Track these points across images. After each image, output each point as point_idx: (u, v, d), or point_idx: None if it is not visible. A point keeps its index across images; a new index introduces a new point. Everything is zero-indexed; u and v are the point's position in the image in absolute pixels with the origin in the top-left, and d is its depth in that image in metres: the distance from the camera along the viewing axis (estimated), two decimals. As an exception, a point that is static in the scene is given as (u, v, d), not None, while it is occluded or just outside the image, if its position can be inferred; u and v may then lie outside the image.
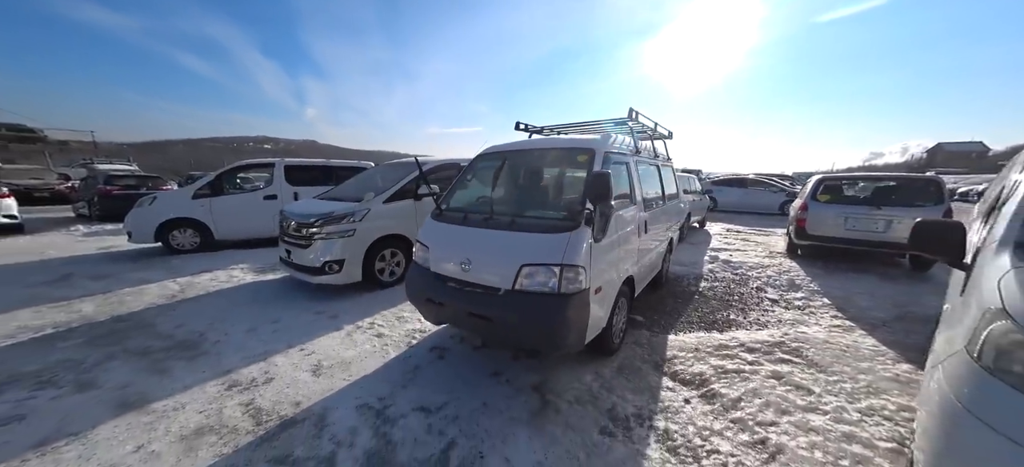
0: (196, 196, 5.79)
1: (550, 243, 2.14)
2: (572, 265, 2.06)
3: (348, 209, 3.98)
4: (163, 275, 4.64)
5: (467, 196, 2.99)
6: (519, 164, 3.13)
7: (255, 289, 4.21)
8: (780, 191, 12.52)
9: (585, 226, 2.16)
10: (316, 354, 2.73)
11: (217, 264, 5.13)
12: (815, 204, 5.22)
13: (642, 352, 2.87)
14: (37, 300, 3.65)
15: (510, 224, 2.34)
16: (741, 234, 8.57)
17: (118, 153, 33.17)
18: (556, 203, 2.81)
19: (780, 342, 3.00)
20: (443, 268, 2.47)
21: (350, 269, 3.93)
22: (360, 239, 3.99)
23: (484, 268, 2.27)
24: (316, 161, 7.19)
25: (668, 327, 3.37)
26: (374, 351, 2.80)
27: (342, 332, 3.10)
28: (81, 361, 2.51)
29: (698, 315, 3.70)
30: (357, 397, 2.22)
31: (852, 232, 4.89)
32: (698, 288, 4.56)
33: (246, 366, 2.51)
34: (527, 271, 2.12)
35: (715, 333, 3.26)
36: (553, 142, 3.02)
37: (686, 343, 3.01)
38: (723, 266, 5.53)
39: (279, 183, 6.42)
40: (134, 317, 3.31)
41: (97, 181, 9.54)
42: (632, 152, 3.19)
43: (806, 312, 3.74)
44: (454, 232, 2.56)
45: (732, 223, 10.32)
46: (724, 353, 2.84)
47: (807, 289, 4.42)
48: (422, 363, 2.65)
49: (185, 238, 5.80)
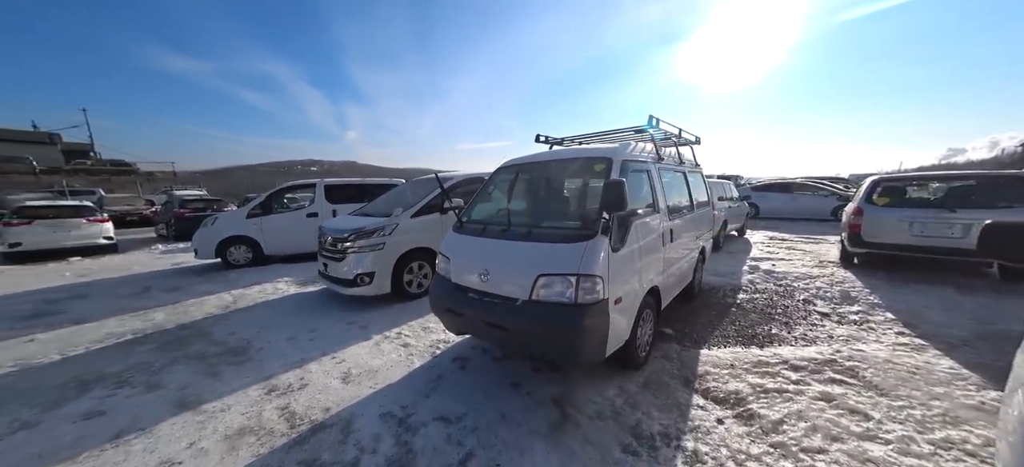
0: (249, 216, 6.43)
1: (566, 253, 2.13)
2: (589, 275, 2.03)
3: (378, 224, 4.22)
4: (220, 287, 5.16)
5: (487, 208, 3.06)
6: (537, 176, 3.17)
7: (297, 301, 4.55)
8: (831, 195, 11.45)
9: (602, 235, 2.13)
10: (346, 362, 2.88)
11: (265, 277, 5.62)
12: (871, 208, 4.71)
13: (671, 367, 2.72)
14: (122, 310, 4.21)
15: (527, 235, 2.36)
16: (786, 242, 7.90)
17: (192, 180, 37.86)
18: (573, 213, 2.79)
19: (831, 360, 2.71)
20: (463, 279, 2.53)
21: (380, 281, 4.13)
22: (389, 252, 4.20)
23: (502, 278, 2.30)
24: (352, 180, 7.71)
25: (700, 341, 3.17)
26: (400, 361, 2.90)
27: (371, 342, 3.25)
28: (152, 364, 2.85)
29: (735, 329, 3.45)
30: (382, 405, 2.30)
31: (921, 238, 4.33)
32: (735, 300, 4.26)
33: (284, 372, 2.71)
34: (544, 281, 2.12)
35: (754, 348, 3.01)
36: (571, 152, 3.04)
37: (720, 359, 2.81)
38: (764, 276, 5.12)
39: (320, 201, 6.96)
40: (195, 325, 3.70)
41: (173, 205, 10.91)
42: (654, 159, 3.11)
43: (864, 327, 3.35)
44: (473, 243, 2.63)
45: (776, 231, 9.56)
46: (764, 370, 2.62)
47: (865, 302, 3.96)
48: (445, 373, 2.70)
49: (240, 254, 6.43)
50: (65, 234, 7.74)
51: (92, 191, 20.97)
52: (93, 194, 19.59)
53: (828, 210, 11.09)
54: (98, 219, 8.26)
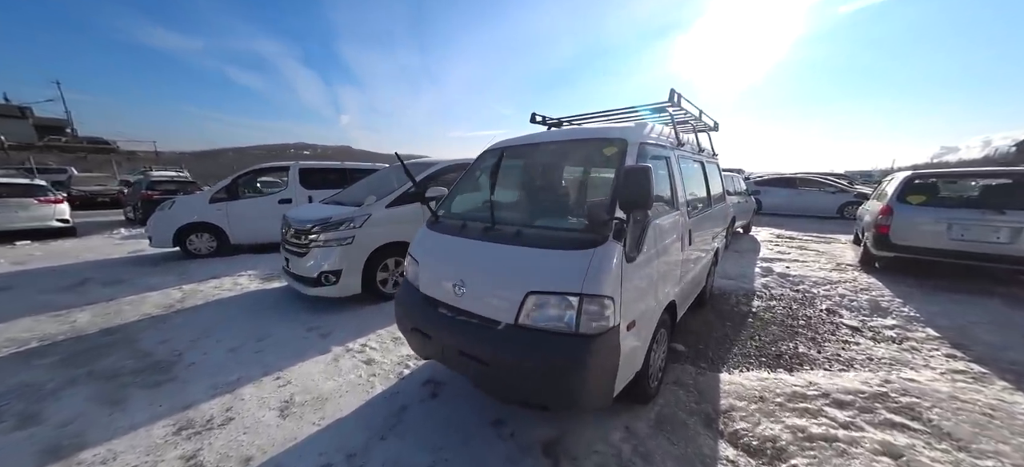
0: (213, 200, 5.77)
1: (567, 263, 1.59)
2: (596, 295, 1.50)
3: (346, 214, 3.63)
4: (173, 281, 4.56)
5: (468, 200, 2.50)
6: (531, 161, 2.60)
7: (255, 300, 3.98)
8: (838, 191, 11.02)
9: (614, 241, 1.60)
10: (292, 385, 2.34)
11: (227, 270, 5.02)
12: (903, 207, 4.23)
13: (687, 398, 2.23)
14: (42, 308, 3.61)
15: (515, 236, 1.81)
16: (795, 241, 7.47)
17: (175, 162, 36.46)
18: (576, 210, 2.24)
19: (880, 394, 2.24)
20: (433, 290, 1.99)
21: (348, 280, 3.57)
22: (359, 247, 3.63)
23: (480, 293, 1.76)
24: (331, 163, 7.05)
25: (718, 361, 2.69)
26: (358, 383, 2.37)
27: (329, 356, 2.72)
28: (42, 386, 2.27)
29: (755, 345, 2.98)
30: (322, 453, 1.78)
31: (961, 243, 3.87)
32: (751, 308, 3.80)
33: (210, 399, 2.17)
34: (535, 301, 1.58)
35: (783, 373, 2.54)
36: (573, 133, 2.46)
37: (746, 387, 2.33)
38: (779, 280, 4.66)
39: (294, 186, 6.30)
40: (122, 330, 3.13)
41: (141, 186, 10.12)
42: (673, 145, 2.56)
43: (906, 347, 2.89)
44: (448, 244, 2.08)
45: (782, 228, 9.13)
46: (801, 406, 2.14)
47: (899, 314, 3.51)
48: (411, 402, 2.18)
49: (202, 243, 5.79)
50: (11, 215, 7.00)
51: (63, 169, 19.90)
52: (64, 173, 18.60)
53: (834, 207, 10.68)
54: (50, 199, 7.51)
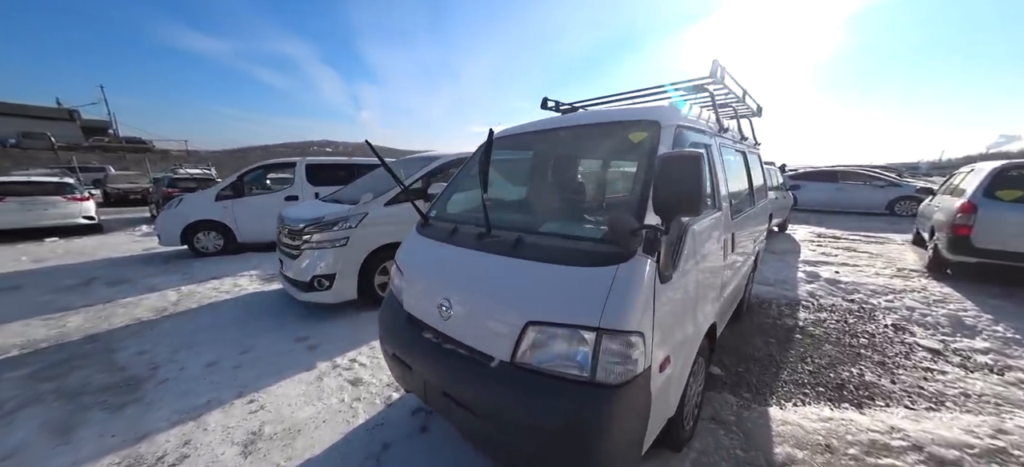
0: (219, 198, 5.69)
1: (580, 285, 1.19)
2: (620, 331, 1.10)
3: (340, 212, 3.35)
4: (175, 281, 4.46)
5: (465, 200, 2.13)
6: (538, 152, 2.20)
7: (249, 303, 3.79)
8: (888, 185, 9.95)
9: (644, 254, 1.18)
10: (264, 411, 2.06)
11: (229, 269, 4.90)
12: (991, 204, 3.54)
13: (731, 443, 1.80)
14: (40, 310, 3.53)
15: (515, 246, 1.42)
16: (840, 241, 6.69)
17: (205, 160, 38.21)
18: (594, 213, 1.82)
19: (996, 449, 1.72)
20: (418, 308, 1.64)
21: (342, 285, 3.30)
22: (355, 249, 3.35)
23: (469, 317, 1.39)
24: (339, 159, 6.88)
25: (765, 390, 2.23)
26: (339, 410, 2.07)
27: (312, 373, 2.44)
28: (1, 405, 2.10)
29: (809, 370, 2.49)
30: (280, 506, 1.48)
31: (1069, 248, 3.18)
32: (797, 320, 3.27)
33: (169, 428, 1.90)
34: (536, 334, 1.20)
35: (850, 411, 2.05)
36: (591, 116, 2.02)
37: (806, 430, 1.87)
38: (829, 288, 4.06)
39: (300, 183, 6.15)
40: (106, 338, 2.96)
41: (164, 183, 10.39)
42: (714, 131, 2.09)
43: (1011, 380, 2.32)
44: (436, 253, 1.72)
45: (823, 226, 8.28)
46: (887, 462, 1.66)
47: (991, 335, 2.89)
48: (396, 438, 1.86)
49: (209, 241, 5.73)
50: (40, 213, 7.25)
51: (102, 168, 21.11)
52: (102, 171, 19.73)
53: (883, 203, 9.65)
54: (78, 197, 7.74)
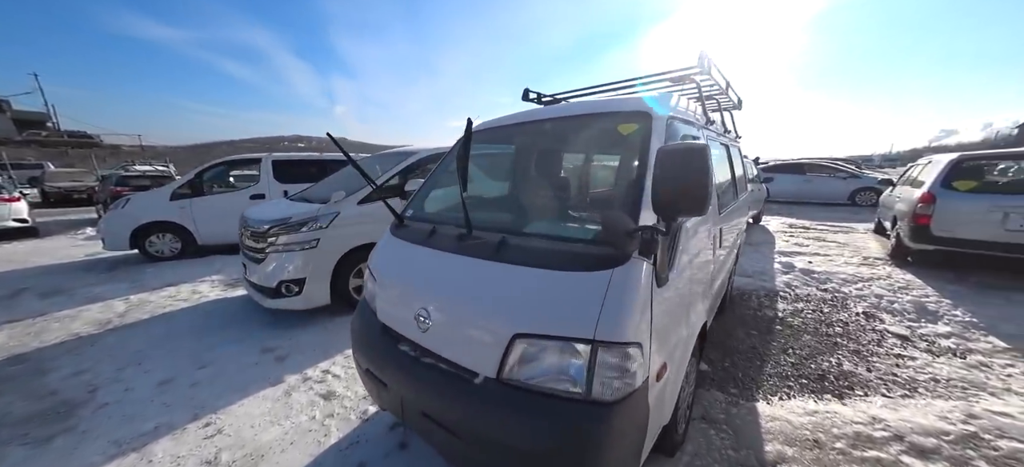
0: (174, 197, 5.20)
1: (572, 292, 1.09)
2: (618, 342, 1.00)
3: (310, 213, 3.10)
4: (122, 290, 4.04)
5: (443, 198, 1.97)
6: (522, 146, 2.07)
7: (210, 312, 3.47)
8: (849, 177, 10.57)
9: (640, 257, 1.09)
10: (223, 434, 1.85)
11: (189, 275, 4.50)
12: (949, 194, 3.73)
13: (722, 442, 1.77)
14: (-43, 327, 3.09)
15: (498, 249, 1.29)
16: (810, 231, 7.00)
17: (163, 156, 35.43)
18: (582, 213, 1.72)
19: (969, 435, 1.78)
20: (393, 319, 1.49)
21: (313, 290, 3.06)
22: (326, 251, 3.11)
23: (449, 329, 1.26)
24: (309, 155, 6.47)
25: (751, 384, 2.24)
26: (309, 429, 1.88)
27: (280, 389, 2.23)
28: None
29: (791, 361, 2.52)
30: (236, 550, 1.30)
31: (1020, 234, 3.39)
32: (776, 311, 3.34)
33: (104, 464, 1.67)
34: (525, 348, 1.08)
35: (833, 403, 2.08)
36: (577, 108, 1.91)
37: (793, 425, 1.87)
38: (803, 278, 4.20)
39: (267, 181, 5.74)
40: (34, 358, 2.61)
41: (111, 181, 9.48)
42: (702, 123, 2.04)
43: (973, 363, 2.44)
44: (413, 257, 1.56)
45: (793, 216, 8.66)
46: (873, 456, 1.68)
47: (951, 319, 3.05)
48: (372, 457, 1.70)
49: (164, 244, 5.24)
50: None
51: (40, 164, 19.10)
52: (40, 168, 17.83)
53: (846, 194, 10.24)
54: (5, 198, 6.91)
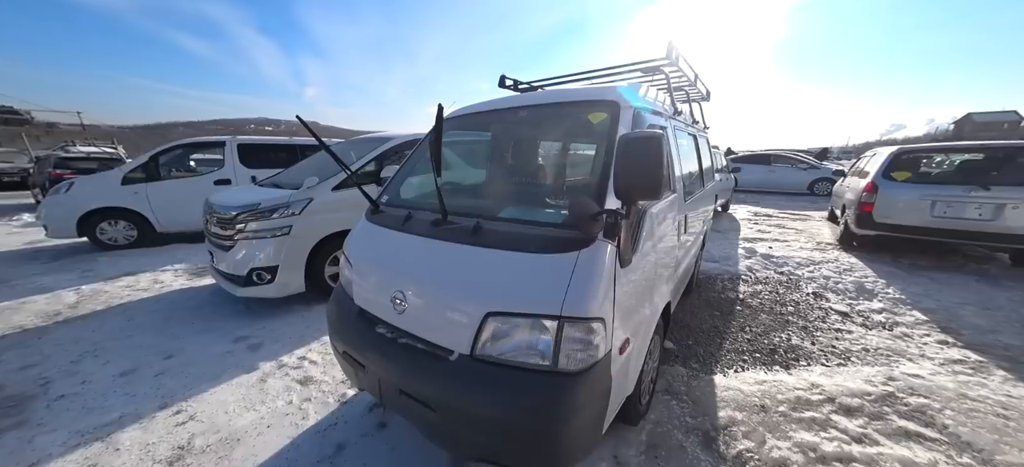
0: (127, 181, 4.84)
1: (540, 272, 1.16)
2: (582, 318, 1.08)
3: (281, 199, 3.00)
4: (71, 280, 3.77)
5: (418, 185, 1.98)
6: (496, 133, 2.10)
7: (175, 301, 3.32)
8: (809, 168, 11.31)
9: (604, 239, 1.17)
10: (195, 421, 1.82)
11: (149, 264, 4.25)
12: (889, 184, 4.10)
13: (681, 411, 1.94)
14: None
15: (473, 233, 1.34)
16: (772, 219, 7.48)
17: (109, 136, 32.39)
18: (553, 197, 1.79)
19: (888, 395, 2.04)
20: (369, 302, 1.51)
21: (286, 277, 2.99)
22: (300, 238, 3.03)
23: (425, 310, 1.30)
24: (278, 139, 6.17)
25: (711, 359, 2.43)
26: (286, 413, 1.89)
27: (254, 375, 2.20)
28: None
29: (747, 338, 2.75)
30: (214, 530, 1.32)
31: (942, 220, 3.79)
32: (738, 294, 3.59)
33: (66, 453, 1.61)
34: (497, 325, 1.15)
35: (781, 373, 2.30)
36: (549, 96, 1.96)
37: (745, 395, 2.06)
38: (763, 262, 4.52)
39: (232, 165, 5.44)
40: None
41: (49, 164, 8.62)
42: (669, 113, 2.14)
43: (897, 334, 2.75)
44: (389, 242, 1.58)
45: (759, 205, 9.19)
46: (808, 416, 1.89)
47: (884, 297, 3.41)
48: (350, 438, 1.74)
49: (117, 232, 4.89)
50: None
51: (-38, 144, 17.02)
52: (-38, 148, 15.87)
53: (805, 184, 10.96)
54: (-77, 181, 6.17)
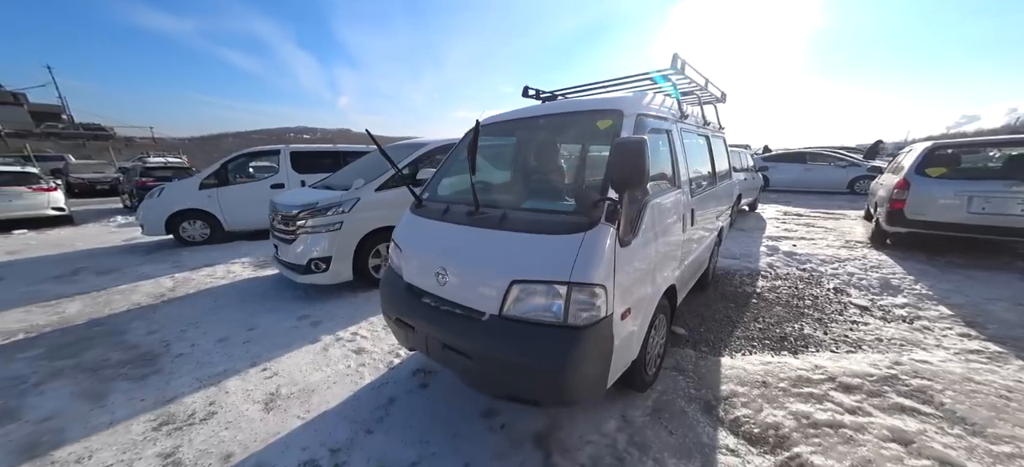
0: (202, 186, 5.65)
1: (554, 249, 1.46)
2: (586, 283, 1.38)
3: (334, 198, 3.50)
4: (166, 269, 4.52)
5: (455, 183, 2.35)
6: (521, 138, 2.43)
7: (246, 288, 3.92)
8: (850, 165, 10.65)
9: (606, 223, 1.46)
10: (278, 376, 2.29)
11: (221, 258, 4.97)
12: (921, 180, 4.00)
13: (686, 384, 2.15)
14: (34, 298, 3.58)
15: (501, 220, 1.68)
16: (802, 218, 7.25)
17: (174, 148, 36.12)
18: (566, 190, 2.09)
19: (890, 376, 2.14)
20: (416, 278, 1.88)
21: (338, 267, 3.48)
22: (349, 233, 3.52)
23: (463, 282, 1.65)
24: (324, 147, 6.85)
25: (720, 345, 2.60)
26: (346, 373, 2.31)
27: (318, 345, 2.66)
28: (24, 379, 2.24)
29: (759, 327, 2.87)
30: (305, 447, 1.72)
31: (981, 216, 3.67)
32: (755, 288, 3.67)
33: (193, 392, 2.12)
34: (520, 291, 1.47)
35: (787, 356, 2.44)
36: (565, 106, 2.26)
37: (748, 372, 2.24)
38: (785, 259, 4.52)
39: (285, 171, 6.15)
40: (111, 321, 3.08)
41: (136, 173, 10.01)
42: (676, 117, 2.36)
43: (917, 327, 2.77)
44: (431, 229, 1.95)
45: (790, 205, 8.88)
46: (807, 391, 2.05)
47: (910, 292, 3.37)
48: (399, 394, 2.12)
49: (195, 230, 5.72)
50: (5, 204, 6.97)
51: (60, 157, 19.80)
52: (61, 160, 18.50)
53: (845, 182, 10.36)
54: (44, 188, 7.44)
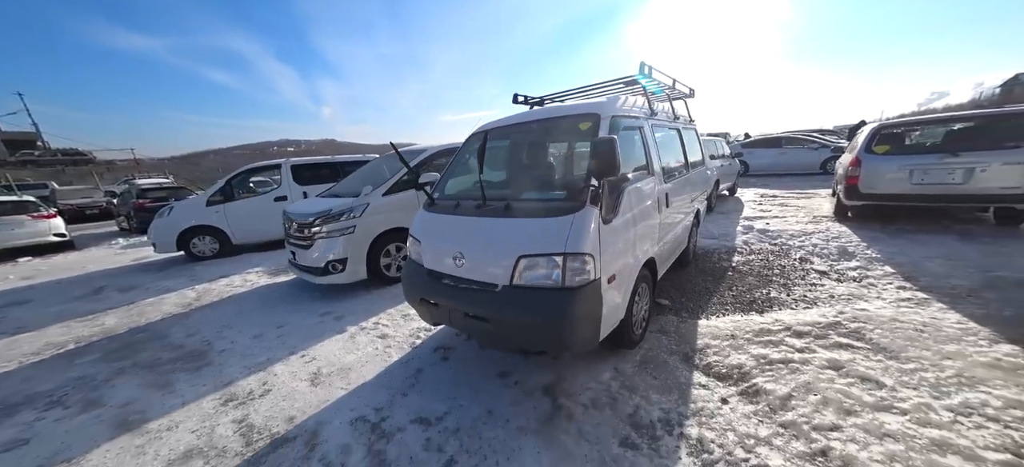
0: (210, 203, 5.89)
1: (550, 229, 1.84)
2: (577, 253, 1.75)
3: (346, 205, 3.82)
4: (183, 283, 4.76)
5: (460, 182, 2.71)
6: (515, 140, 2.80)
7: (266, 293, 4.21)
8: (821, 147, 11.29)
9: (591, 206, 1.84)
10: (316, 360, 2.61)
11: (234, 269, 5.22)
12: (871, 157, 4.49)
13: (669, 342, 2.54)
14: (69, 315, 3.81)
15: (506, 210, 2.05)
16: (777, 199, 7.79)
17: (157, 168, 35.44)
18: (557, 182, 2.47)
19: (835, 323, 2.57)
20: (436, 264, 2.23)
21: (354, 267, 3.80)
22: (362, 235, 3.84)
23: (478, 262, 2.01)
24: (322, 158, 7.13)
25: (698, 310, 3.00)
26: (376, 354, 2.65)
27: (345, 335, 2.98)
28: (92, 378, 2.53)
29: (732, 295, 3.29)
30: (353, 409, 2.07)
31: (921, 187, 4.16)
32: (731, 263, 4.11)
33: (246, 376, 2.43)
34: (526, 263, 1.83)
35: (754, 315, 2.86)
36: (551, 111, 2.65)
37: (720, 329, 2.64)
38: (759, 236, 4.98)
39: (287, 184, 6.41)
40: (151, 328, 3.36)
41: (132, 196, 10.09)
42: (646, 114, 2.76)
43: (864, 284, 3.23)
44: (446, 223, 2.31)
45: (767, 187, 9.44)
46: (766, 339, 2.46)
47: (862, 256, 3.84)
48: (425, 366, 2.47)
49: (205, 245, 5.95)
50: (7, 233, 7.05)
51: (43, 184, 19.34)
52: (44, 188, 18.08)
53: (818, 163, 10.98)
54: (44, 215, 7.53)
